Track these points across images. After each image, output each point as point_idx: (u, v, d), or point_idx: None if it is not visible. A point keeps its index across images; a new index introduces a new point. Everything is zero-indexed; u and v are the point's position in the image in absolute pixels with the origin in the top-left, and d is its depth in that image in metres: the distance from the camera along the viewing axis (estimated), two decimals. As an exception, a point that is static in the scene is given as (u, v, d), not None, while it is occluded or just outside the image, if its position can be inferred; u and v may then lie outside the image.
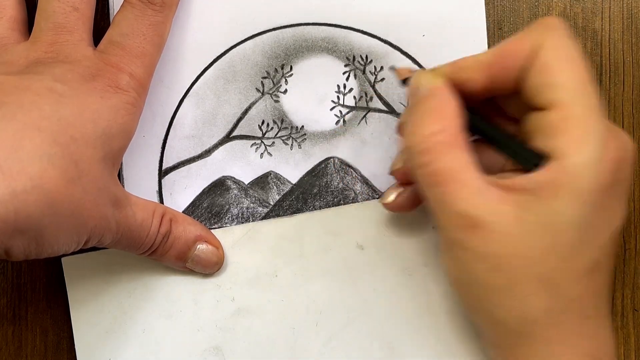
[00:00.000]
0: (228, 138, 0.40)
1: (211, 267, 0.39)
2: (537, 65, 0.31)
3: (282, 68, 0.40)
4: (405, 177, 0.36)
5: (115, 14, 0.37)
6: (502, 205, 0.30)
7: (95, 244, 0.34)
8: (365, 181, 0.40)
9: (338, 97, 0.40)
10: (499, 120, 0.35)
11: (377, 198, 0.40)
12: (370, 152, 0.40)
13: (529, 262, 0.30)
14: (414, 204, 0.37)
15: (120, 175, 0.39)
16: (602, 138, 0.30)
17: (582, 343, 0.32)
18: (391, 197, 0.37)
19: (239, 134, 0.40)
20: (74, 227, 0.32)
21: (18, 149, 0.29)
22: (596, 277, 0.32)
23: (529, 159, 0.31)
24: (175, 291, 0.39)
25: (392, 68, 0.38)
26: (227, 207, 0.40)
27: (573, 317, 0.31)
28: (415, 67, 0.40)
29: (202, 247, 0.38)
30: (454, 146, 0.31)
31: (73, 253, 0.34)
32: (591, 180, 0.29)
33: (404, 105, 0.40)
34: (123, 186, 0.39)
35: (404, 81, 0.35)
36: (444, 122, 0.31)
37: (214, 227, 0.40)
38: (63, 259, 0.39)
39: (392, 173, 0.37)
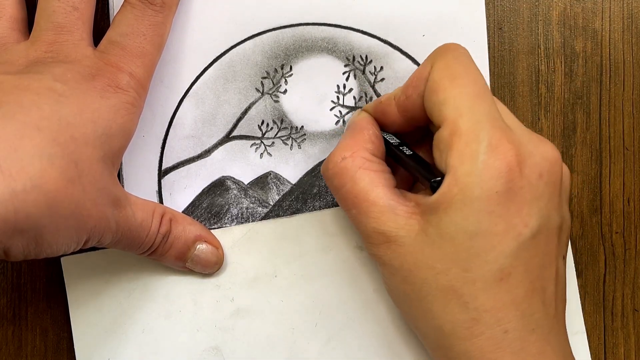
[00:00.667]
0: (228, 138, 0.40)
1: (211, 267, 0.39)
2: (428, 88, 0.33)
3: (282, 68, 0.40)
4: None
5: (115, 14, 0.37)
6: (409, 220, 0.32)
7: (95, 244, 0.34)
8: (365, 181, 0.40)
9: (338, 97, 0.40)
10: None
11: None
12: (370, 152, 0.40)
13: (433, 273, 0.32)
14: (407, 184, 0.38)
15: (120, 175, 0.39)
16: (488, 147, 0.31)
17: (503, 358, 0.31)
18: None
19: (238, 134, 0.40)
20: (73, 227, 0.31)
21: (18, 148, 0.29)
22: (510, 287, 0.31)
23: (429, 179, 0.32)
24: (174, 291, 0.39)
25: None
26: (227, 207, 0.40)
27: (490, 331, 0.31)
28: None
29: (201, 247, 0.38)
30: (362, 168, 0.33)
31: (72, 253, 0.34)
32: (477, 189, 0.30)
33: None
34: (123, 186, 0.39)
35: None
36: (353, 148, 0.34)
37: (213, 227, 0.40)
38: (62, 259, 0.39)
39: None
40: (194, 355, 0.39)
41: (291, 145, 0.40)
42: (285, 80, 0.40)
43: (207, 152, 0.40)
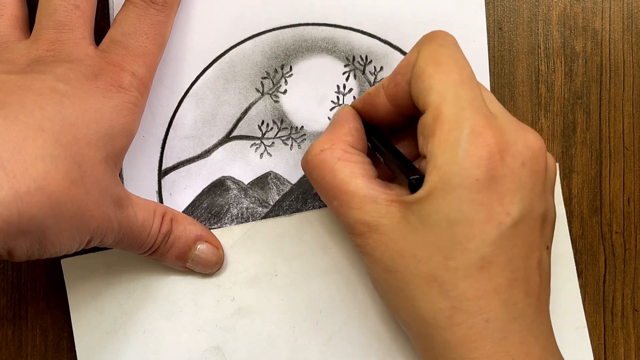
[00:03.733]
0: (228, 138, 0.40)
1: (211, 267, 0.39)
2: (414, 75, 0.32)
3: (282, 68, 0.40)
4: None
5: (116, 13, 0.37)
6: (390, 207, 0.32)
7: (97, 244, 0.34)
8: (365, 181, 0.40)
9: (338, 98, 0.40)
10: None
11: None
12: (370, 152, 0.40)
13: (415, 261, 0.32)
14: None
15: (120, 175, 0.39)
16: (470, 134, 0.30)
17: (485, 347, 0.31)
18: None
19: (238, 134, 0.40)
20: (76, 227, 0.31)
21: (21, 149, 0.29)
22: (491, 276, 0.31)
23: (407, 177, 0.32)
24: (175, 291, 0.39)
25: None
26: (227, 207, 0.40)
27: (472, 319, 0.31)
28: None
29: (202, 247, 0.38)
30: (341, 160, 0.33)
31: (74, 253, 0.34)
32: (459, 176, 0.30)
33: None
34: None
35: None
36: (332, 140, 0.34)
37: (213, 227, 0.40)
38: (62, 261, 0.39)
39: None
40: (196, 355, 0.39)
41: (291, 145, 0.40)
42: (285, 80, 0.40)
43: (207, 152, 0.40)
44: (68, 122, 0.31)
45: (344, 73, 0.40)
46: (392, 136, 0.37)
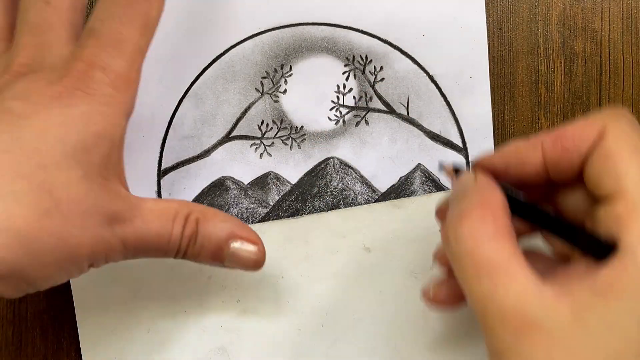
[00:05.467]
0: (227, 138, 0.40)
1: (251, 265, 0.34)
2: (600, 152, 0.29)
3: (282, 68, 0.40)
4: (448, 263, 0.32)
5: None
6: (559, 304, 0.27)
7: (105, 264, 0.32)
8: (364, 181, 0.40)
9: (338, 97, 0.40)
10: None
11: (378, 198, 0.40)
12: (370, 152, 0.40)
13: None
14: (458, 298, 0.33)
15: (119, 176, 0.39)
16: None
17: None
18: (431, 291, 0.33)
19: (238, 134, 0.40)
20: (62, 259, 0.29)
21: None
22: None
23: (596, 247, 0.28)
24: (180, 291, 0.39)
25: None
26: (227, 207, 0.40)
27: None
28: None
29: (236, 245, 0.34)
30: (500, 235, 0.28)
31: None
32: None
33: (403, 105, 0.40)
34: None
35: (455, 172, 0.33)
36: (488, 211, 0.29)
37: (213, 227, 0.40)
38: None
39: (436, 259, 0.34)
40: (200, 356, 0.39)
41: (291, 145, 0.40)
42: (285, 80, 0.40)
43: (206, 152, 0.40)
44: (29, 149, 0.28)
45: (343, 73, 0.40)
46: None
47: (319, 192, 0.40)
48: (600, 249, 0.27)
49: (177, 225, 0.32)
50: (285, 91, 0.40)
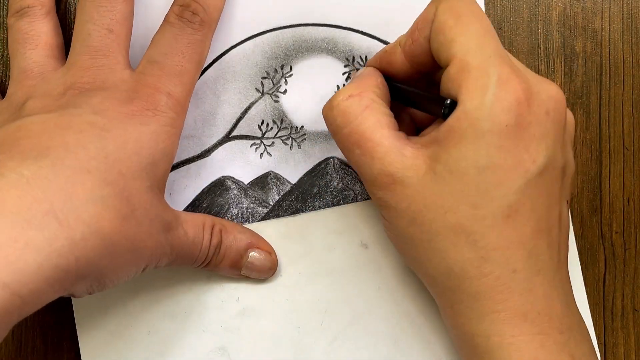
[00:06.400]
0: (228, 138, 0.40)
1: (265, 272, 0.39)
2: (434, 29, 0.32)
3: (282, 68, 0.40)
4: None
5: (154, 34, 0.36)
6: (416, 160, 0.32)
7: (154, 268, 0.34)
8: (365, 181, 0.40)
9: (338, 97, 0.40)
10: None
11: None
12: (370, 152, 0.40)
13: (442, 212, 0.31)
14: None
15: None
16: (498, 81, 0.30)
17: (512, 299, 0.31)
18: None
19: (238, 134, 0.40)
20: (131, 261, 0.32)
21: (72, 196, 0.29)
22: (517, 225, 0.31)
23: (438, 107, 0.32)
24: (180, 292, 0.39)
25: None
26: (227, 207, 0.40)
27: (499, 270, 0.31)
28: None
29: (254, 254, 0.38)
30: (368, 108, 0.33)
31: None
32: (487, 122, 0.30)
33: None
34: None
35: None
36: (360, 88, 0.34)
37: (213, 227, 0.40)
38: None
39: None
40: (201, 356, 0.39)
41: (291, 145, 0.40)
42: (285, 80, 0.40)
43: (207, 152, 0.40)
44: (112, 159, 0.31)
45: (343, 73, 0.40)
46: None
47: (319, 191, 0.40)
48: (444, 108, 0.31)
49: (206, 234, 0.36)
50: (285, 91, 0.40)
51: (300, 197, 0.40)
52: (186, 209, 0.40)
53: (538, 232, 0.32)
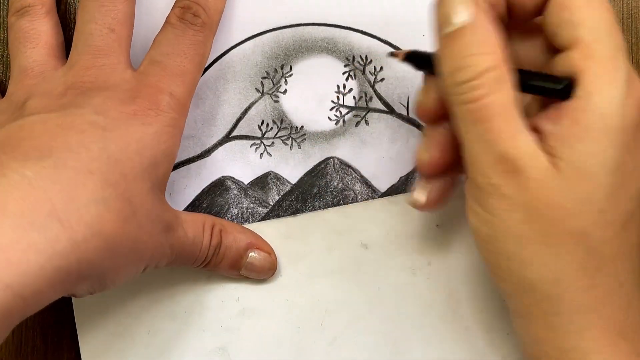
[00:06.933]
0: (227, 138, 0.40)
1: (265, 273, 0.39)
2: (556, 2, 0.30)
3: (282, 68, 0.40)
4: (431, 114, 0.33)
5: (156, 35, 0.36)
6: (539, 151, 0.28)
7: (154, 269, 0.34)
8: (364, 181, 0.40)
9: (338, 97, 0.40)
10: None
11: (378, 198, 0.40)
12: (370, 152, 0.40)
13: (564, 213, 0.28)
14: (444, 197, 0.35)
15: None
16: (627, 76, 0.28)
17: (615, 315, 0.29)
18: (422, 198, 0.34)
19: (238, 134, 0.40)
20: (132, 261, 0.32)
21: (74, 197, 0.29)
22: (630, 234, 0.29)
23: (557, 88, 0.29)
24: (180, 292, 0.39)
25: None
26: (227, 207, 0.40)
27: (608, 282, 0.29)
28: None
29: (253, 254, 0.38)
30: (505, 81, 0.28)
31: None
32: (619, 118, 0.28)
33: (403, 105, 0.40)
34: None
35: (407, 58, 0.34)
36: (494, 56, 0.29)
37: (213, 227, 0.40)
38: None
39: (418, 109, 0.34)
40: (201, 356, 0.39)
41: (291, 145, 0.40)
42: (285, 80, 0.40)
43: (207, 152, 0.40)
44: (114, 159, 0.31)
45: (344, 73, 0.40)
46: None
47: (319, 192, 0.40)
48: (564, 86, 0.29)
49: (206, 234, 0.36)
50: (285, 91, 0.40)
51: (300, 197, 0.40)
52: (186, 209, 0.40)
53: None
